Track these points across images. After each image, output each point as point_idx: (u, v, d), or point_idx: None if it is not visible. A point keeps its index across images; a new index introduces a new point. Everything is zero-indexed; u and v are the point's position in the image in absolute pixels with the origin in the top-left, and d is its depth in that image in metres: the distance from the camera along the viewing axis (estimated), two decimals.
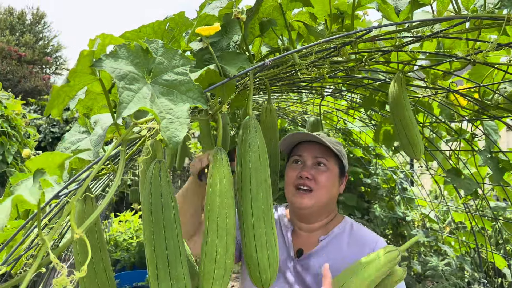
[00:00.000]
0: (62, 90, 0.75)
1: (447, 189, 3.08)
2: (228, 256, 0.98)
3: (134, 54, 0.79)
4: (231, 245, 0.98)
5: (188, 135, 3.69)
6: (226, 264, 0.97)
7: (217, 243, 0.96)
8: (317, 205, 1.55)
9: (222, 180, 0.98)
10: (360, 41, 1.10)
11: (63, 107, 0.80)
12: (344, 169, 1.67)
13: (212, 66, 0.90)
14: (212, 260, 0.96)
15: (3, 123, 4.85)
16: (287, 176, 1.64)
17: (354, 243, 1.56)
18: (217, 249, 0.97)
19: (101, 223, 5.43)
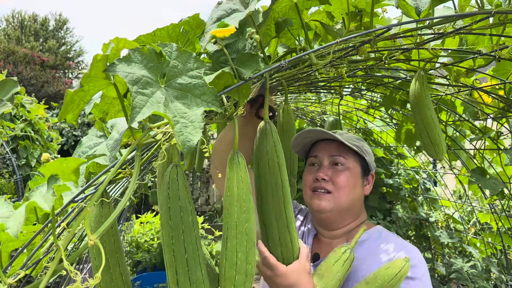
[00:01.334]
0: (77, 95, 0.75)
1: (472, 189, 2.99)
2: (248, 261, 0.96)
3: (148, 58, 0.78)
4: (251, 249, 0.97)
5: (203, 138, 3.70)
6: (247, 270, 0.96)
7: (237, 248, 0.95)
8: (337, 209, 1.42)
9: (239, 184, 0.97)
10: (380, 39, 1.07)
11: (78, 112, 0.80)
12: (368, 166, 1.52)
13: (227, 68, 0.88)
14: (232, 266, 0.95)
15: (26, 127, 4.97)
16: (304, 180, 1.53)
17: (376, 252, 1.38)
18: (237, 254, 0.95)
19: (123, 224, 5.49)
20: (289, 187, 1.15)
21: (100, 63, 0.73)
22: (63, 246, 0.71)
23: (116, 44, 0.76)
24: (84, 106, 0.80)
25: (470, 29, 1.23)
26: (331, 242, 1.49)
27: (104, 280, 1.15)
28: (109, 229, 1.16)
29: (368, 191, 1.54)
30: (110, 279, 1.16)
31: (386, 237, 1.43)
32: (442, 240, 3.11)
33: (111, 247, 1.16)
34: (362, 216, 1.53)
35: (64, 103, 0.72)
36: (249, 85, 0.96)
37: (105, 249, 1.15)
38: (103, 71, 0.72)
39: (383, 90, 2.32)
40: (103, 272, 1.17)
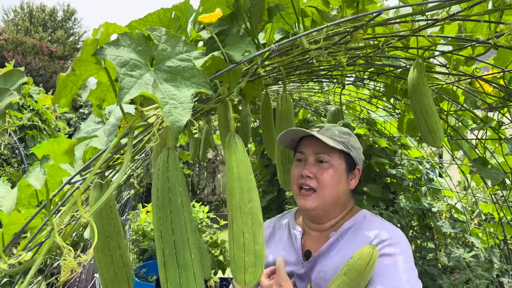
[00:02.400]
0: (69, 79, 0.76)
1: (474, 180, 2.98)
2: (256, 240, 0.95)
3: (137, 41, 0.79)
4: (258, 229, 0.96)
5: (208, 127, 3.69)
6: (255, 250, 0.95)
7: (243, 229, 0.95)
8: (322, 206, 1.46)
9: (239, 164, 0.97)
10: (372, 24, 1.07)
11: (71, 96, 0.81)
12: (353, 162, 1.53)
13: (217, 52, 0.89)
14: (240, 247, 0.94)
15: (33, 117, 5.02)
16: (292, 174, 1.55)
17: (361, 236, 1.44)
18: (244, 235, 0.94)
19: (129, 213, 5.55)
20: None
21: (90, 47, 0.75)
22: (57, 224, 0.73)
23: (105, 29, 0.78)
24: (77, 91, 0.82)
25: (466, 15, 1.23)
26: (321, 234, 1.54)
27: (105, 261, 1.18)
28: (109, 212, 1.18)
29: (353, 185, 1.56)
30: (111, 261, 1.18)
31: (370, 220, 1.50)
32: (444, 230, 3.11)
33: (111, 229, 1.18)
34: (349, 205, 1.57)
35: (57, 87, 0.74)
36: (240, 69, 0.97)
37: (105, 231, 1.18)
38: (92, 54, 0.73)
39: (385, 80, 2.31)
40: (104, 254, 1.20)
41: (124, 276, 1.18)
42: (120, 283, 1.17)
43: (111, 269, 1.16)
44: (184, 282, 0.94)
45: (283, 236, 1.63)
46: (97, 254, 1.17)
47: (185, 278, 0.94)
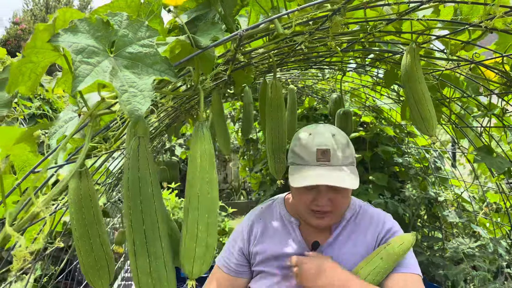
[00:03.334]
0: (25, 66, 0.75)
1: (481, 169, 2.91)
2: (210, 233, 0.96)
3: (96, 27, 0.77)
4: (213, 221, 0.97)
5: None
6: (207, 242, 0.96)
7: (198, 220, 0.95)
8: (337, 219, 1.46)
9: (203, 155, 0.96)
10: (351, 8, 1.03)
11: (31, 84, 0.80)
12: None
13: (183, 37, 0.87)
14: (193, 238, 0.94)
15: (44, 106, 5.09)
16: (297, 195, 1.41)
17: (364, 224, 1.49)
18: (198, 226, 0.95)
19: None
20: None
21: (44, 33, 0.73)
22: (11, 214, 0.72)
23: (62, 15, 0.76)
24: (38, 78, 0.81)
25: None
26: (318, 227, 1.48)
27: (85, 250, 1.18)
28: (88, 201, 1.18)
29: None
30: (91, 249, 1.19)
31: (364, 209, 1.54)
32: (450, 219, 3.05)
33: (90, 218, 1.18)
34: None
35: (10, 75, 0.72)
36: (211, 57, 0.94)
37: (84, 220, 1.18)
38: (47, 41, 0.72)
39: (386, 66, 2.25)
40: (83, 242, 1.20)
41: (104, 263, 1.18)
42: (100, 270, 1.18)
43: (91, 257, 1.17)
44: (154, 271, 0.94)
45: (278, 228, 1.57)
46: (77, 242, 1.17)
47: (155, 266, 0.94)
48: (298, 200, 1.42)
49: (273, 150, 1.68)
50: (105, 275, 1.19)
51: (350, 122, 2.58)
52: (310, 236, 1.51)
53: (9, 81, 0.73)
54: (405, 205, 3.45)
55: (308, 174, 1.33)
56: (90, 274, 1.17)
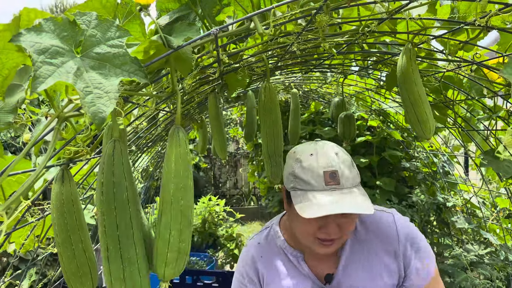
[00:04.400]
0: None
1: (489, 173, 2.83)
2: (182, 239, 0.93)
3: (62, 27, 0.75)
4: (186, 228, 0.94)
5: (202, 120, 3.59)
6: (180, 247, 0.93)
7: (171, 225, 0.92)
8: (342, 243, 1.31)
9: (178, 160, 0.94)
10: (334, 6, 1.00)
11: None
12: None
13: (155, 37, 0.85)
14: (165, 243, 0.93)
15: None
16: (302, 225, 1.26)
17: (374, 232, 1.35)
18: (171, 232, 0.92)
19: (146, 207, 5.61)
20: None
21: (6, 33, 0.71)
22: None
23: (26, 14, 0.74)
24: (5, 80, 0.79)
25: None
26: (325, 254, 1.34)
27: (67, 256, 1.16)
28: (70, 206, 1.16)
29: None
30: (73, 255, 1.17)
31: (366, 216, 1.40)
32: (459, 225, 2.97)
33: (72, 223, 1.16)
34: None
35: None
36: (188, 57, 0.91)
37: (66, 225, 1.16)
38: (9, 41, 0.70)
39: (387, 69, 2.20)
40: (65, 248, 1.18)
41: (86, 270, 1.16)
42: (82, 276, 1.15)
43: (73, 263, 1.14)
44: (128, 277, 0.91)
45: (282, 265, 1.41)
46: (59, 248, 1.15)
47: (129, 273, 0.91)
48: (302, 230, 1.26)
49: (269, 154, 1.65)
50: (87, 282, 1.16)
51: (353, 126, 2.53)
52: (318, 267, 1.38)
53: None
54: (413, 211, 3.37)
55: (319, 202, 1.15)
56: (72, 281, 1.15)
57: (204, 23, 0.99)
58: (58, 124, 0.80)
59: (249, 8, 1.06)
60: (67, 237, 1.15)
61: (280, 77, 2.92)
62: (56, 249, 1.86)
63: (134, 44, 0.87)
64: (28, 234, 1.47)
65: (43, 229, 1.52)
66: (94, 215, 2.25)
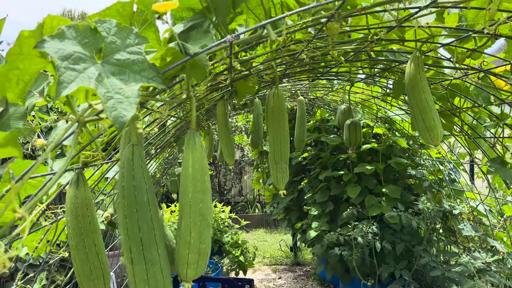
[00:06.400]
0: (12, 73, 0.76)
1: (496, 181, 2.83)
2: (202, 240, 0.96)
3: (83, 34, 0.78)
4: (205, 229, 0.96)
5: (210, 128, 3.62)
6: (200, 249, 0.96)
7: (190, 227, 0.95)
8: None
9: (195, 164, 0.96)
10: (345, 14, 1.02)
11: (20, 91, 0.81)
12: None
13: (172, 44, 0.87)
14: (186, 245, 0.95)
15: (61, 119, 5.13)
16: None
17: None
18: (191, 234, 0.95)
19: None
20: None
21: (30, 40, 0.74)
22: None
23: (49, 21, 0.77)
24: (26, 85, 0.81)
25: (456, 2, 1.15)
26: None
27: (80, 258, 1.18)
28: (85, 210, 1.18)
29: None
30: (86, 258, 1.19)
31: None
32: (466, 233, 2.96)
33: (86, 227, 1.19)
34: None
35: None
36: (203, 64, 0.94)
37: (80, 229, 1.18)
38: (33, 47, 0.72)
39: (393, 76, 2.22)
40: (79, 251, 1.20)
41: (99, 273, 1.18)
42: (95, 280, 1.17)
43: (86, 266, 1.16)
44: (151, 277, 0.93)
45: None
46: (72, 251, 1.17)
47: (153, 273, 0.93)
48: None
49: (275, 160, 1.66)
50: (100, 285, 1.18)
51: (359, 133, 2.54)
52: None
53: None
54: (419, 218, 3.37)
55: None
56: (85, 283, 1.17)
57: (218, 30, 1.02)
58: (79, 128, 0.82)
59: (261, 15, 1.08)
60: (81, 240, 1.17)
61: (287, 85, 2.95)
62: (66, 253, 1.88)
63: (151, 51, 0.89)
64: (41, 238, 1.48)
65: (55, 233, 1.54)
66: (104, 220, 2.27)
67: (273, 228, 8.89)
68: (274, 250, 7.06)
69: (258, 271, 6.13)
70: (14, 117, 2.60)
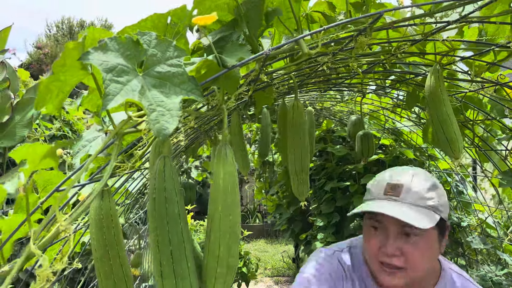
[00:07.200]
0: (53, 84, 0.76)
1: (507, 193, 2.83)
2: (231, 254, 0.95)
3: (125, 46, 0.78)
4: (234, 243, 0.95)
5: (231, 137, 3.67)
6: (229, 263, 0.95)
7: (219, 241, 0.94)
8: (411, 282, 1.17)
9: (225, 177, 0.95)
10: (377, 28, 1.03)
11: (59, 102, 0.81)
12: (443, 223, 1.19)
13: (211, 56, 0.87)
14: (214, 258, 0.94)
15: (64, 127, 5.18)
16: (367, 242, 1.22)
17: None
18: (220, 247, 0.94)
19: None
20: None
21: (74, 51, 0.74)
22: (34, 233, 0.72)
23: (91, 33, 0.77)
24: (65, 97, 0.81)
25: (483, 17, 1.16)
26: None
27: (104, 271, 1.17)
28: (109, 222, 1.17)
29: (443, 248, 1.23)
30: (110, 270, 1.17)
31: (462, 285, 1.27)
32: (474, 246, 2.96)
33: (111, 239, 1.17)
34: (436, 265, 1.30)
35: (38, 92, 0.73)
36: (237, 76, 0.94)
37: (105, 240, 1.17)
38: (78, 59, 0.72)
39: (407, 88, 2.23)
40: (103, 263, 1.19)
41: (123, 286, 1.16)
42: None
43: (110, 279, 1.15)
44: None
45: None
46: (96, 263, 1.16)
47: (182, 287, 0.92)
48: (366, 247, 1.22)
49: (296, 172, 1.66)
50: None
51: (371, 144, 2.54)
52: None
53: (37, 98, 0.74)
54: None
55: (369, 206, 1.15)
56: None
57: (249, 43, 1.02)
58: (118, 140, 0.82)
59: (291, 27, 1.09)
60: (105, 253, 1.16)
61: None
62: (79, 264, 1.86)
63: (189, 64, 0.89)
64: (60, 249, 1.47)
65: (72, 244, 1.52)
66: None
67: (273, 238, 8.85)
68: (275, 261, 7.02)
69: (260, 282, 6.10)
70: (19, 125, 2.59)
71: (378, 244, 1.17)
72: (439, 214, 1.13)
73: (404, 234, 1.14)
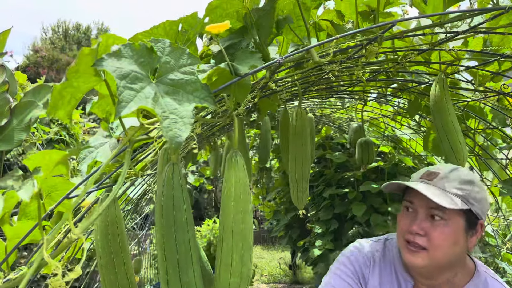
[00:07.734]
0: (66, 90, 0.75)
1: (506, 202, 2.84)
2: (244, 263, 0.93)
3: (139, 53, 0.77)
4: (247, 251, 0.94)
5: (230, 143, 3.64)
6: (242, 272, 0.93)
7: (232, 249, 0.93)
8: (432, 266, 1.23)
9: (237, 184, 0.95)
10: (387, 37, 1.03)
11: (71, 109, 0.80)
12: (474, 218, 1.23)
13: (223, 64, 0.87)
14: (227, 268, 0.93)
15: (61, 131, 5.15)
16: (398, 223, 1.32)
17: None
18: (232, 256, 0.93)
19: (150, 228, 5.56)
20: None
21: (88, 57, 0.73)
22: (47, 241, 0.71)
23: (105, 40, 0.76)
24: (76, 103, 0.81)
25: (490, 28, 1.17)
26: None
27: (109, 279, 1.16)
28: (115, 229, 1.16)
29: (473, 243, 1.27)
30: (115, 278, 1.16)
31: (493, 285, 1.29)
32: (473, 254, 2.96)
33: (116, 247, 1.16)
34: (462, 264, 1.32)
35: (51, 98, 0.72)
36: (247, 84, 0.94)
37: (110, 248, 1.16)
38: (92, 65, 0.72)
39: (408, 96, 2.24)
40: (108, 271, 1.17)
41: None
42: None
43: (115, 287, 1.14)
44: None
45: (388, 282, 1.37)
46: (101, 271, 1.15)
47: None
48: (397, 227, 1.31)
49: (296, 180, 1.65)
50: None
51: (371, 152, 2.55)
52: None
53: (50, 104, 0.73)
54: None
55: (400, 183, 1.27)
56: None
57: (260, 50, 1.02)
58: (130, 147, 0.81)
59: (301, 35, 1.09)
60: (110, 260, 1.15)
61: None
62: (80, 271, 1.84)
63: (201, 71, 0.89)
64: (62, 255, 1.45)
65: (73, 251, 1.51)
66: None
67: (270, 245, 8.83)
68: (272, 268, 7.00)
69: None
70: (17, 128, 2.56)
71: (407, 223, 1.25)
72: (467, 205, 1.19)
73: (430, 216, 1.22)
